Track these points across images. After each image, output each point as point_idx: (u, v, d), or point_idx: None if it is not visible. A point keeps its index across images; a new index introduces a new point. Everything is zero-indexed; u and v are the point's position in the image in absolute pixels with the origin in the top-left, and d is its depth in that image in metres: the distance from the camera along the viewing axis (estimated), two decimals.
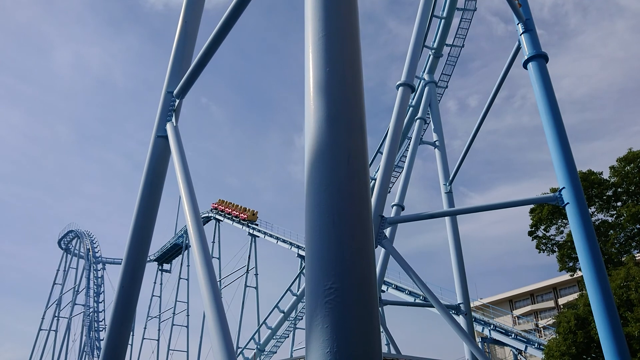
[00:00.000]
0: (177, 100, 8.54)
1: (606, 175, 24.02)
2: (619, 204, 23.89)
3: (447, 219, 19.30)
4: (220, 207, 57.92)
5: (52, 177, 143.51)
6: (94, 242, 72.01)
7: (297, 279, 40.47)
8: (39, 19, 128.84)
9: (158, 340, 63.31)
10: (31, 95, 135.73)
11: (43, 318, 72.51)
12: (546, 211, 23.74)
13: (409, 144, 21.88)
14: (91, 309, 66.27)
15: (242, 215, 53.81)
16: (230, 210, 55.78)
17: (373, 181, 26.42)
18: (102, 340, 58.85)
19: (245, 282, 50.70)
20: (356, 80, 3.68)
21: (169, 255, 69.01)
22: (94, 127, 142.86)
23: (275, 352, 41.65)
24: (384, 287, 33.43)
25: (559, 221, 24.05)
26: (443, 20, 22.87)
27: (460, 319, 17.96)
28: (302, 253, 42.40)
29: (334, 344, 2.71)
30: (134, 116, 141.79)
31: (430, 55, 23.91)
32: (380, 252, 14.89)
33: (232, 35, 7.61)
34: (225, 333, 5.34)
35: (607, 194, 23.90)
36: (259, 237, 50.34)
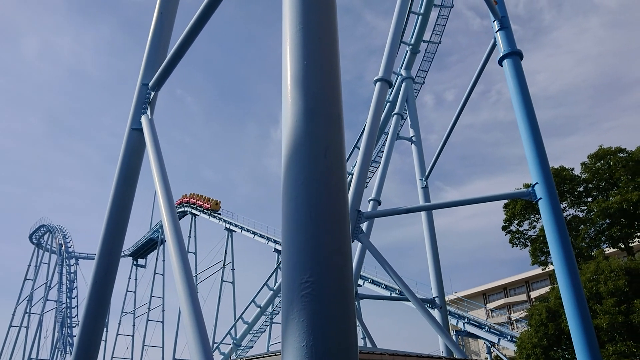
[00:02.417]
0: (153, 93, 8.42)
1: (577, 171, 24.57)
2: (589, 199, 24.46)
3: (423, 213, 19.50)
4: (184, 200, 58.02)
5: (25, 170, 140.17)
6: (67, 236, 70.67)
7: (274, 273, 40.40)
8: (5, 4, 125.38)
9: (133, 335, 62.58)
10: (2, 87, 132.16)
11: (14, 314, 70.96)
12: (519, 206, 24.16)
13: (386, 139, 22.01)
14: (64, 305, 65.12)
15: (206, 205, 54.77)
16: (194, 201, 56.48)
17: (350, 176, 26.50)
18: (75, 336, 57.83)
19: (222, 276, 50.42)
20: (334, 73, 3.67)
21: (144, 250, 68.14)
22: (67, 119, 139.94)
23: (252, 347, 41.58)
24: (360, 281, 33.63)
25: (532, 216, 24.52)
26: (420, 17, 23.02)
27: (435, 313, 18.19)
28: (279, 248, 42.31)
29: (309, 337, 2.71)
30: (108, 108, 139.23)
31: (407, 51, 24.04)
32: (356, 247, 14.97)
33: (209, 26, 7.51)
34: (201, 328, 5.30)
35: (579, 189, 24.45)
36: (235, 231, 50.06)
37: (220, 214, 53.39)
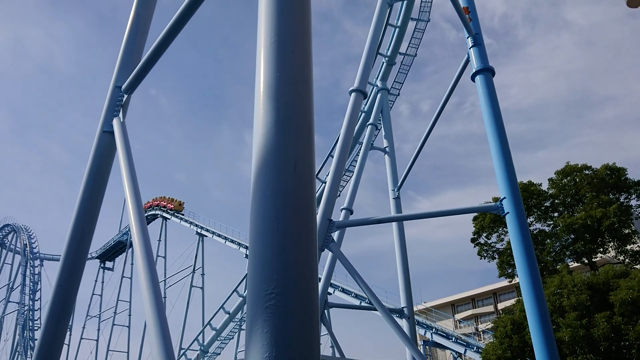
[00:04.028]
0: (126, 96, 8.33)
1: (545, 186, 25.19)
2: (555, 214, 25.08)
3: (394, 224, 19.66)
4: (154, 203, 58.27)
5: None
6: (32, 237, 68.83)
7: (244, 279, 40.12)
8: None
9: (97, 340, 61.25)
10: None
11: None
12: (488, 219, 24.62)
13: (360, 149, 22.16)
14: (26, 307, 63.33)
15: (169, 205, 55.52)
16: (158, 202, 57.06)
17: (323, 184, 26.58)
18: (37, 339, 56.25)
19: (191, 282, 49.83)
20: (306, 87, 3.72)
21: (112, 252, 66.92)
22: (33, 115, 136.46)
23: (219, 354, 41.14)
24: (330, 289, 33.67)
25: (500, 229, 25.00)
26: (397, 29, 23.32)
27: (403, 323, 18.32)
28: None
29: (272, 349, 2.74)
30: (76, 105, 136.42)
31: (383, 62, 24.31)
32: (327, 255, 15.00)
33: (186, 27, 7.48)
34: (164, 333, 5.26)
35: (545, 204, 25.06)
36: (207, 236, 49.62)
37: (183, 215, 53.98)
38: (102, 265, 67.75)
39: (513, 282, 26.43)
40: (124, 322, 58.06)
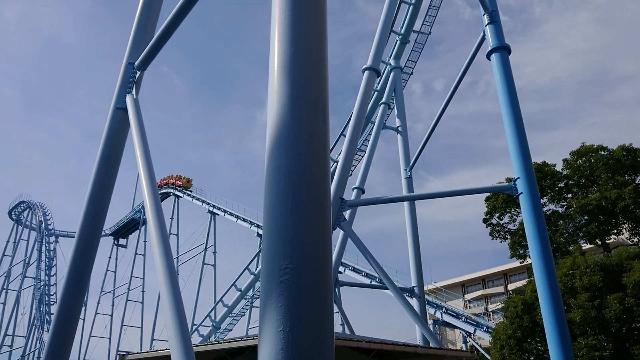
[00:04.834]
0: (138, 72, 8.31)
1: (559, 167, 24.91)
2: (569, 195, 24.84)
3: (405, 203, 19.63)
4: (165, 181, 59.18)
5: None
6: (47, 214, 69.79)
7: (256, 257, 40.45)
8: None
9: (111, 315, 62.36)
10: None
11: None
12: (501, 200, 24.46)
13: (372, 128, 22.04)
14: (42, 283, 64.52)
15: (178, 182, 56.47)
16: (167, 181, 57.86)
17: (335, 164, 26.53)
18: (53, 314, 57.44)
19: (204, 259, 50.35)
20: (321, 61, 3.67)
21: (125, 230, 67.69)
22: (44, 93, 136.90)
23: (231, 330, 41.73)
24: (341, 269, 33.85)
25: (513, 210, 24.85)
26: (411, 6, 22.96)
27: (414, 302, 18.42)
28: (262, 232, 42.20)
29: (287, 323, 2.75)
30: (87, 83, 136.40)
31: (397, 40, 24.00)
32: (339, 234, 15.05)
33: (198, 4, 7.40)
34: (179, 310, 5.31)
35: (559, 185, 24.82)
36: (218, 215, 49.93)
37: (192, 191, 54.68)
38: (116, 243, 68.65)
39: (524, 263, 26.35)
40: (137, 298, 59.04)
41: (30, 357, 60.99)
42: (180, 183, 56.32)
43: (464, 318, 31.79)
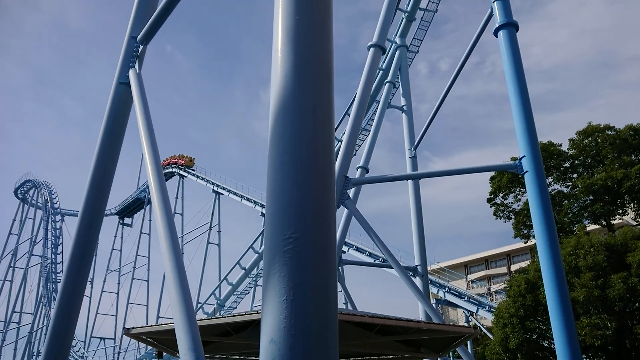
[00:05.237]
0: (141, 46, 8.22)
1: (565, 147, 24.75)
2: (575, 175, 24.73)
3: (409, 182, 19.56)
4: (171, 160, 59.49)
5: (4, 122, 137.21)
6: (53, 192, 70.18)
7: (260, 236, 40.64)
8: None
9: (117, 293, 63.14)
10: None
11: None
12: (505, 179, 24.38)
13: (377, 107, 21.87)
14: (49, 260, 65.17)
15: (180, 161, 56.89)
16: (169, 161, 58.40)
17: (339, 143, 26.41)
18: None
19: (208, 238, 50.68)
20: (325, 31, 3.59)
21: (130, 209, 68.13)
22: (48, 70, 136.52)
23: (235, 308, 42.17)
24: (345, 248, 33.99)
25: (517, 189, 24.78)
26: None
27: (417, 280, 18.47)
28: (265, 202, 42.33)
29: (290, 292, 2.73)
30: (91, 60, 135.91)
31: (403, 18, 23.66)
32: (343, 212, 15.03)
33: None
34: (184, 288, 5.31)
35: (565, 165, 24.69)
36: (223, 194, 50.08)
37: (194, 170, 55.14)
38: (121, 222, 69.12)
39: (528, 243, 26.37)
40: (142, 276, 59.68)
41: (38, 333, 61.92)
42: (183, 162, 56.62)
43: (466, 297, 31.97)
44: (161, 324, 8.72)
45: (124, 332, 9.08)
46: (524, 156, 11.94)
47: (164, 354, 11.68)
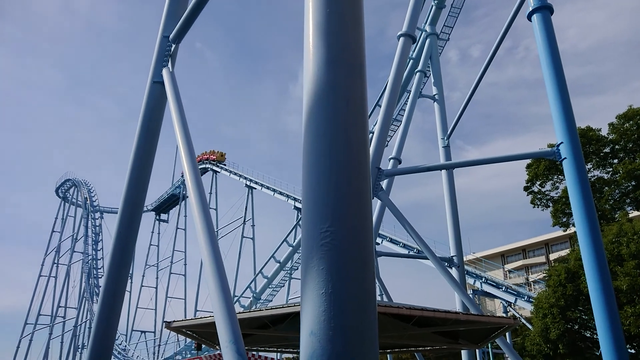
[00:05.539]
0: (174, 45, 8.34)
1: (605, 132, 23.99)
2: (615, 161, 23.96)
3: (443, 172, 19.35)
4: (203, 157, 60.61)
5: (43, 123, 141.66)
6: (92, 191, 72.24)
7: (293, 230, 40.91)
8: None
9: (156, 287, 64.64)
10: (15, 37, 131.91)
11: (42, 265, 73.67)
12: (542, 167, 23.82)
13: (408, 97, 21.65)
14: (90, 257, 67.21)
15: (212, 157, 58.34)
16: (201, 157, 59.40)
17: (371, 134, 26.28)
18: (101, 286, 59.90)
19: (242, 233, 51.32)
20: (357, 23, 3.57)
21: (166, 205, 69.54)
22: (83, 72, 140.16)
23: (271, 301, 42.64)
24: (378, 240, 33.88)
25: (555, 177, 24.18)
26: None
27: (453, 271, 18.28)
28: (299, 205, 42.71)
29: (328, 285, 2.74)
30: (124, 60, 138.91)
31: (432, 5, 23.31)
32: (376, 204, 14.98)
33: None
34: (223, 282, 5.38)
35: (605, 150, 23.95)
36: (255, 189, 50.55)
37: (225, 165, 56.43)
38: (157, 218, 70.64)
39: (568, 231, 25.74)
40: (180, 270, 60.95)
41: (82, 327, 64.02)
42: (214, 157, 57.85)
43: (504, 288, 31.45)
44: (201, 317, 8.88)
45: (165, 325, 9.29)
46: (561, 142, 11.63)
47: (203, 346, 11.91)
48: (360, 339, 2.71)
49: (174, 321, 9.16)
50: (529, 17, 12.89)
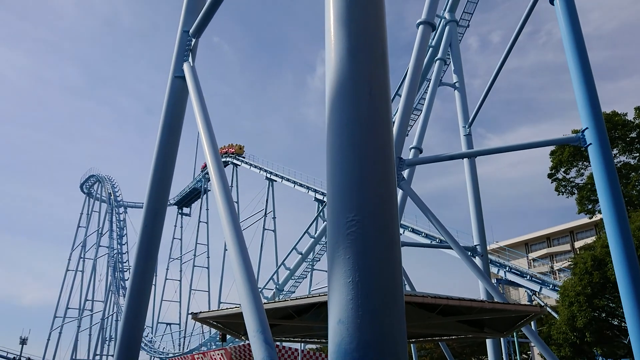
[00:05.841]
0: (194, 40, 8.41)
1: (631, 116, 23.46)
2: None
3: (465, 161, 19.16)
4: (222, 151, 61.12)
5: (63, 120, 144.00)
6: (115, 186, 73.43)
7: (315, 221, 41.01)
8: None
9: (180, 280, 65.59)
10: (35, 36, 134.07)
11: (69, 259, 75.30)
12: (567, 153, 23.44)
13: (428, 86, 21.46)
14: (115, 251, 68.43)
15: (231, 150, 58.89)
16: (220, 151, 60.50)
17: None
18: (127, 280, 61.11)
19: (264, 225, 51.70)
20: (379, 11, 3.55)
21: (188, 199, 70.34)
22: (103, 69, 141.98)
23: (294, 292, 42.92)
24: (400, 230, 33.78)
25: (580, 163, 23.78)
26: None
27: (477, 260, 18.14)
28: (319, 197, 42.77)
29: (355, 274, 2.76)
30: (142, 57, 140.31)
31: None
32: (398, 194, 14.93)
33: None
34: (249, 273, 5.45)
35: (631, 135, 23.44)
36: (276, 181, 50.79)
37: (244, 157, 56.78)
38: (180, 211, 71.54)
39: (593, 219, 25.34)
40: (203, 263, 61.70)
41: (110, 320, 65.34)
42: (233, 150, 58.31)
43: (529, 276, 31.12)
44: (227, 309, 9.00)
45: (192, 316, 9.45)
46: (586, 128, 11.42)
47: (227, 337, 12.05)
48: (388, 327, 2.72)
49: (200, 312, 9.30)
50: (552, 1, 12.64)
